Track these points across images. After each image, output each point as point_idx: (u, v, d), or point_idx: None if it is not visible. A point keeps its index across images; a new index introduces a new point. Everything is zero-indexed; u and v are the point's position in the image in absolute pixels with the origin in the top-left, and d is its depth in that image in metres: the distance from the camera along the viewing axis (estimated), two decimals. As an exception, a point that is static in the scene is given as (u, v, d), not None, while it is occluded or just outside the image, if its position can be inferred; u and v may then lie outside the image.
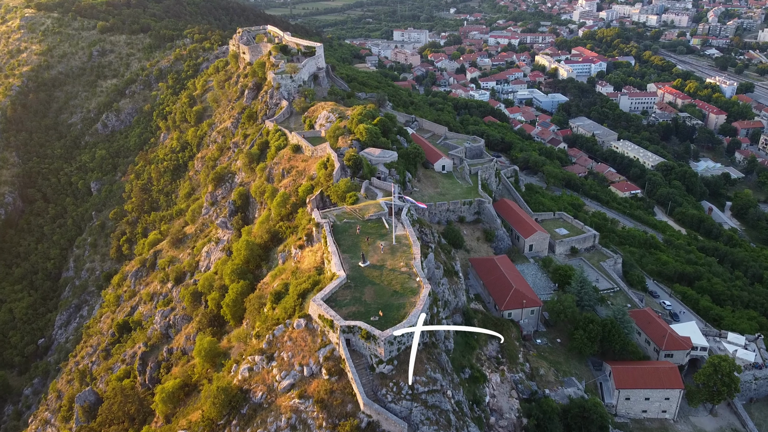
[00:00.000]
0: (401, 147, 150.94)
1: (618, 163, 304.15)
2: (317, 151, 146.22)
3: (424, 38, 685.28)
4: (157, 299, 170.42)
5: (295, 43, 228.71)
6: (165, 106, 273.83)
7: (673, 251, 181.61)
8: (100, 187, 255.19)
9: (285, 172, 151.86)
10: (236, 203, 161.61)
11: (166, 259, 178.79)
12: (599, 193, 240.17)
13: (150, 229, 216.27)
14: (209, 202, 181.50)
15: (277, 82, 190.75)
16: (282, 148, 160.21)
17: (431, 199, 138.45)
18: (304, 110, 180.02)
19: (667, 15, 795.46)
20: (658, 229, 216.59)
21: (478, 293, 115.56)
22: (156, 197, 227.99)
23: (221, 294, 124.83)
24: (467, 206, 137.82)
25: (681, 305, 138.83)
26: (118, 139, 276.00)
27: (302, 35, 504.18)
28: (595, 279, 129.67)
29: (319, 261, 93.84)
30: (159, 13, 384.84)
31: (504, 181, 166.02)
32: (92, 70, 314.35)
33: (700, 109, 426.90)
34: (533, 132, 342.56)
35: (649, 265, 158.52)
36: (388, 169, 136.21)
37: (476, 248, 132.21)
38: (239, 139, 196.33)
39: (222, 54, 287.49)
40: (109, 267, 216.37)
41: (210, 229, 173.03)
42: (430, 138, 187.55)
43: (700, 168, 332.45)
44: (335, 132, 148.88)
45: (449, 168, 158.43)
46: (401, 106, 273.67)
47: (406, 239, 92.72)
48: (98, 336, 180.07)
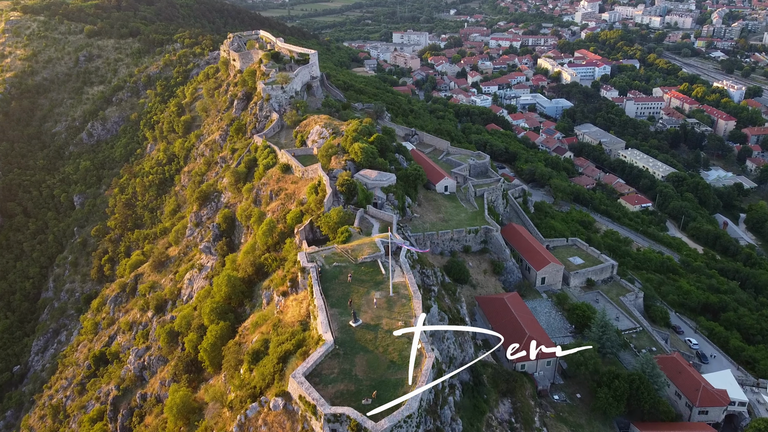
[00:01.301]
0: (400, 167, 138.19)
1: (627, 174, 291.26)
2: (308, 172, 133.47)
3: (423, 40, 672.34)
4: (136, 329, 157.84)
5: (287, 49, 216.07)
6: (153, 114, 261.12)
7: (693, 276, 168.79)
8: (83, 200, 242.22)
9: (273, 194, 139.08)
10: (221, 227, 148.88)
11: (147, 285, 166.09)
12: (609, 208, 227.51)
13: (133, 248, 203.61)
14: (193, 222, 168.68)
15: (266, 93, 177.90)
16: (271, 167, 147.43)
17: (433, 226, 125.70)
18: (296, 124, 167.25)
19: (671, 16, 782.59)
20: (673, 248, 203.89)
21: (486, 339, 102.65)
22: (140, 213, 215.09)
23: (199, 336, 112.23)
24: (473, 235, 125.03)
25: (709, 344, 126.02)
26: (103, 149, 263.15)
27: (299, 38, 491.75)
28: (615, 317, 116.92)
29: (304, 314, 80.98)
30: (150, 16, 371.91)
31: (512, 202, 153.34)
32: (78, 76, 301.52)
33: (709, 114, 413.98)
34: (538, 140, 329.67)
35: (670, 294, 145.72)
36: (385, 193, 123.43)
37: (483, 282, 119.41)
38: (227, 154, 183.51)
39: (213, 60, 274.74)
40: (89, 288, 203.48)
41: (193, 252, 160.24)
42: (431, 153, 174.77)
43: (711, 178, 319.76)
44: (328, 151, 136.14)
45: (452, 189, 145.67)
46: (400, 115, 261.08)
47: (405, 288, 79.88)
48: (74, 367, 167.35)
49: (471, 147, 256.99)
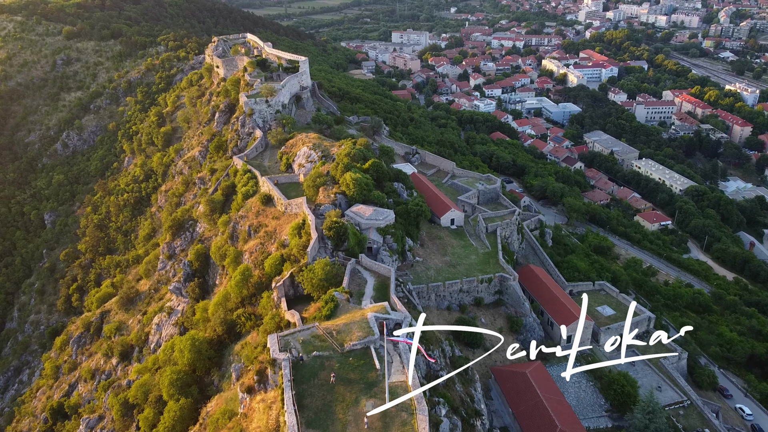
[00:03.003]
0: (399, 199, 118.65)
1: (642, 187, 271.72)
2: (291, 207, 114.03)
3: (424, 40, 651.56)
4: (98, 378, 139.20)
5: (276, 56, 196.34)
6: (132, 124, 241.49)
7: (731, 317, 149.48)
8: (54, 219, 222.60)
9: (252, 230, 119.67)
10: (193, 265, 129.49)
11: (113, 325, 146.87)
12: (628, 230, 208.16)
13: (104, 276, 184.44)
14: (166, 254, 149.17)
15: (249, 107, 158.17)
16: (250, 197, 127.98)
17: (439, 274, 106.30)
18: (282, 143, 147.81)
19: (677, 15, 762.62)
20: (700, 277, 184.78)
21: (505, 426, 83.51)
22: (113, 236, 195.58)
23: (157, 412, 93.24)
24: (486, 284, 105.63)
25: (764, 411, 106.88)
26: (78, 161, 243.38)
27: (294, 38, 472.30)
28: (657, 386, 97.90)
29: (273, 426, 61.50)
30: (135, 16, 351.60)
31: (528, 237, 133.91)
32: (55, 81, 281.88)
33: (723, 120, 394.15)
34: (545, 149, 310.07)
35: (712, 346, 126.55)
36: (382, 235, 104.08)
37: (497, 344, 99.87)
38: (206, 175, 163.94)
39: (198, 64, 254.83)
40: (55, 321, 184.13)
41: (164, 290, 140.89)
42: (434, 176, 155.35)
43: (730, 189, 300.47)
44: (316, 180, 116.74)
45: (459, 222, 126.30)
46: (400, 125, 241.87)
47: (405, 388, 60.49)
48: (30, 418, 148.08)
49: (476, 160, 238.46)
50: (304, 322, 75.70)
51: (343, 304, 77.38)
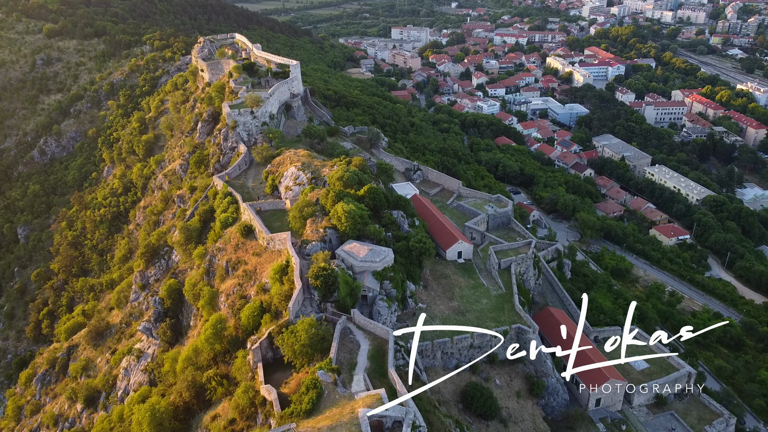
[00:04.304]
0: (399, 232, 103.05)
1: (657, 197, 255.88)
2: (275, 242, 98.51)
3: (424, 36, 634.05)
4: (62, 425, 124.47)
5: (265, 59, 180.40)
6: (113, 130, 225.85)
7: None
8: (28, 233, 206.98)
9: (230, 266, 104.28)
10: (164, 303, 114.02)
11: (80, 364, 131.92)
12: (645, 247, 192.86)
13: (77, 300, 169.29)
14: (139, 284, 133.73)
15: (232, 119, 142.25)
16: (230, 225, 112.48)
17: (446, 321, 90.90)
18: (268, 160, 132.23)
19: (683, 11, 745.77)
20: (727, 302, 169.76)
21: None
22: (88, 255, 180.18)
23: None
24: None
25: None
26: (56, 170, 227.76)
27: (290, 35, 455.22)
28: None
29: None
30: (122, 13, 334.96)
31: (545, 272, 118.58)
32: (34, 82, 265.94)
33: (737, 122, 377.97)
34: (553, 154, 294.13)
35: (755, 397, 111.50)
36: (379, 281, 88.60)
37: (517, 412, 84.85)
38: (185, 193, 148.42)
39: (185, 66, 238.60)
40: (23, 350, 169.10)
41: (134, 327, 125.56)
42: (438, 196, 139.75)
43: (747, 197, 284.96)
44: (303, 210, 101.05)
45: (468, 255, 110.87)
46: (400, 132, 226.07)
47: None
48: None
49: (482, 169, 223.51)
50: (282, 415, 60.36)
51: (329, 390, 62.00)
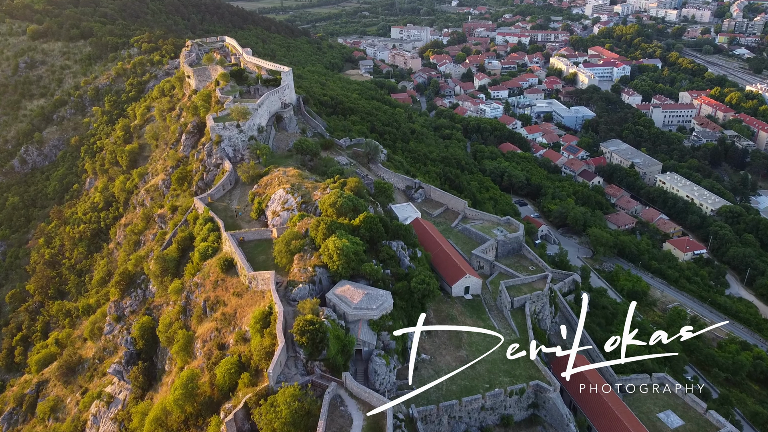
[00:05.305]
0: (399, 269, 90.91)
1: (670, 207, 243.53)
2: (257, 282, 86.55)
3: (425, 36, 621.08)
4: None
5: (255, 64, 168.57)
6: (97, 138, 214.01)
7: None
8: (5, 249, 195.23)
9: (208, 307, 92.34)
10: (136, 344, 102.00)
11: (48, 404, 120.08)
12: (662, 266, 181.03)
13: (52, 326, 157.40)
14: (113, 315, 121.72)
15: (217, 133, 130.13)
16: (210, 257, 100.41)
17: (452, 381, 78.78)
18: (255, 179, 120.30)
19: (687, 9, 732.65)
20: (751, 327, 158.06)
21: None
22: (66, 276, 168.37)
23: None
24: (517, 396, 78.33)
25: None
26: (37, 181, 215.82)
27: (286, 35, 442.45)
28: None
29: None
30: (112, 13, 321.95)
31: (562, 308, 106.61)
32: (17, 86, 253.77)
33: (748, 125, 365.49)
34: (560, 161, 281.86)
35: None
36: (375, 332, 76.72)
37: (536, 486, 72.93)
38: (166, 213, 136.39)
39: (173, 70, 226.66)
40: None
41: (107, 364, 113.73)
42: (441, 218, 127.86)
43: (762, 206, 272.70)
44: (291, 244, 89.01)
45: (476, 290, 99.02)
46: (400, 141, 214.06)
47: None
48: None
49: (486, 180, 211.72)
50: None
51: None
